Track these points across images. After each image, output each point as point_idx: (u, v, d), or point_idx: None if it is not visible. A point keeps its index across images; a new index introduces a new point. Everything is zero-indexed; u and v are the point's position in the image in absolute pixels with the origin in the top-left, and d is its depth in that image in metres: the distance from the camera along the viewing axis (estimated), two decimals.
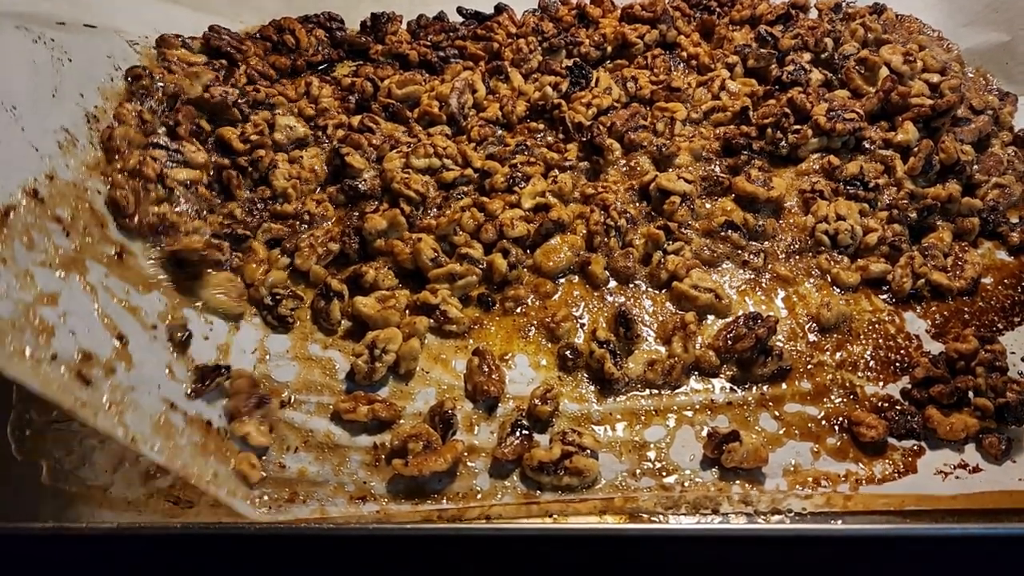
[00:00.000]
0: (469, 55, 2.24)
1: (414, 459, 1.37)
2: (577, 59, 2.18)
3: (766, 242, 1.76)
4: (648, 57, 2.20)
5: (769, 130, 1.92)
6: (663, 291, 1.69)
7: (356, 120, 2.00)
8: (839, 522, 1.32)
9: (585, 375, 1.57)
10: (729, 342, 1.56)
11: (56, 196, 1.54)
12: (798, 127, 1.92)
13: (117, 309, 1.47)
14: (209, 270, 1.65)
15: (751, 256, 1.73)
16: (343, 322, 1.64)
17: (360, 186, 1.84)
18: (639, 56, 2.22)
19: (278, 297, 1.66)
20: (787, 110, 1.94)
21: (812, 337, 1.63)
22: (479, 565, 1.38)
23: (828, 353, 1.60)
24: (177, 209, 1.74)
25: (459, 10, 2.41)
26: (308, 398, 1.52)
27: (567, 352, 1.58)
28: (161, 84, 1.97)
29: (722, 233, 1.75)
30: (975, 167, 1.89)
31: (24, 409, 1.46)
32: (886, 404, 1.53)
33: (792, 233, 1.78)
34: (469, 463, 1.42)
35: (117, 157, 1.75)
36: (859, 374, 1.58)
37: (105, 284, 1.48)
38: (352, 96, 2.10)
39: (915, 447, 1.46)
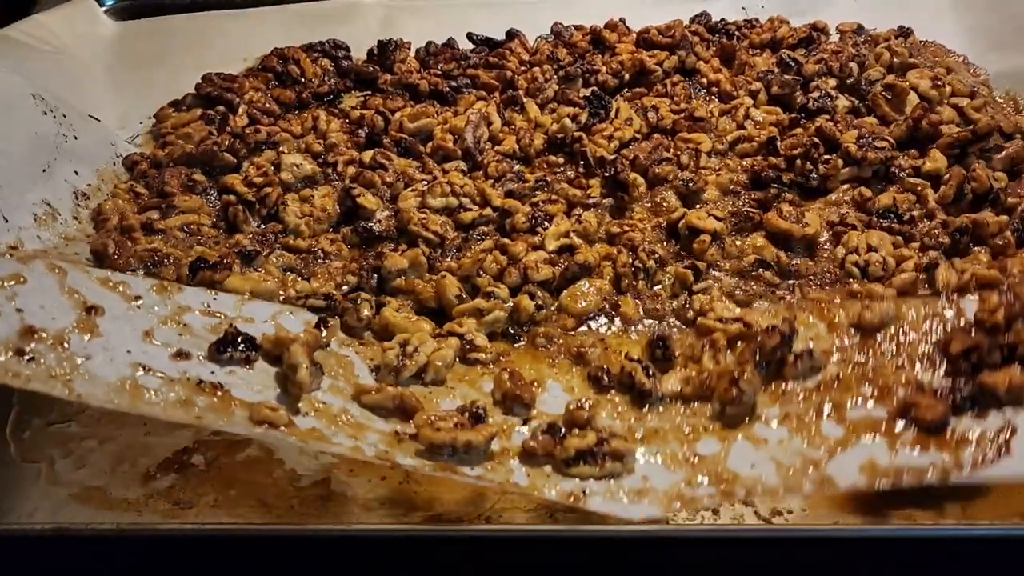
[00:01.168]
0: (481, 84, 2.17)
1: (446, 429, 1.29)
2: (595, 87, 2.11)
3: (800, 281, 1.67)
4: (667, 84, 2.14)
5: (799, 161, 1.84)
6: (690, 328, 1.60)
7: (367, 156, 1.92)
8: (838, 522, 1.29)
9: (618, 395, 1.47)
10: (756, 354, 1.48)
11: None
12: (828, 157, 1.84)
13: (91, 285, 1.40)
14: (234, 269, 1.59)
15: (785, 292, 1.65)
16: (367, 334, 1.55)
17: (375, 227, 1.76)
18: (658, 83, 2.16)
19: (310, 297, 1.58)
20: (816, 140, 1.86)
21: (861, 344, 1.51)
22: (479, 566, 1.34)
23: (885, 355, 1.48)
24: (172, 244, 1.69)
25: (469, 36, 2.36)
26: (322, 380, 1.41)
27: (599, 372, 1.49)
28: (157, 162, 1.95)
29: (754, 272, 1.67)
30: (1007, 193, 1.79)
31: (23, 410, 1.44)
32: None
33: (820, 265, 1.69)
34: (504, 461, 1.32)
35: (104, 223, 1.74)
36: (921, 368, 1.45)
37: (83, 268, 1.45)
38: (361, 130, 2.02)
39: (1004, 428, 1.33)
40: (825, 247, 1.72)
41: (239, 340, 1.38)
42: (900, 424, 1.36)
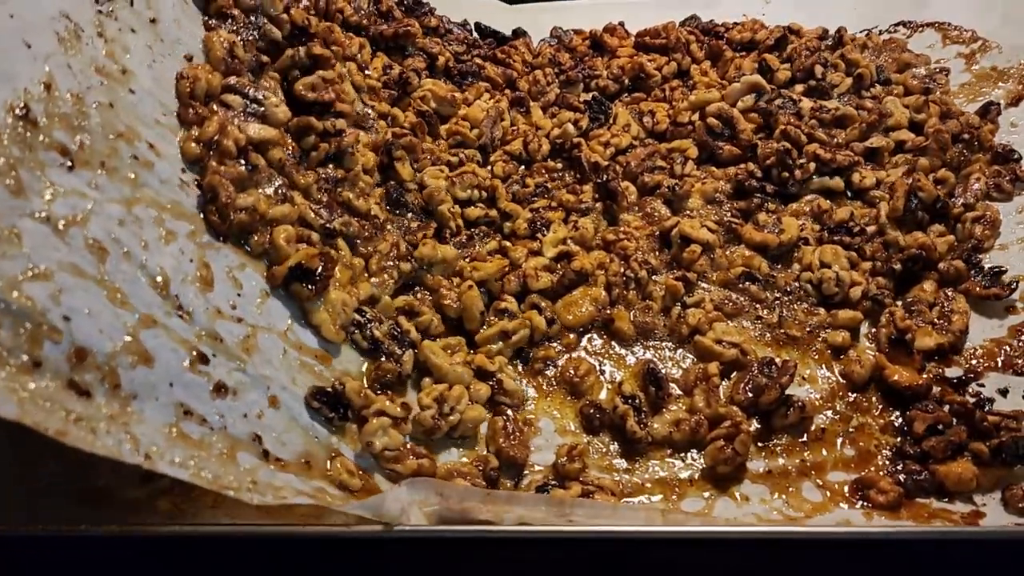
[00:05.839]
0: (487, 77, 2.15)
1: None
2: (595, 92, 2.11)
3: (778, 294, 1.68)
4: (666, 89, 2.14)
5: (774, 171, 1.84)
6: (685, 345, 1.61)
7: (406, 118, 1.88)
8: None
9: (609, 437, 1.49)
10: (750, 394, 1.47)
11: (56, 116, 1.16)
12: (801, 161, 1.83)
13: (130, 273, 1.15)
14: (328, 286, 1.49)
15: (766, 312, 1.66)
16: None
17: (405, 196, 1.75)
18: (656, 88, 2.16)
19: (367, 316, 1.52)
20: (787, 145, 1.84)
21: (852, 396, 1.52)
22: (478, 565, 1.36)
23: (871, 414, 1.50)
24: (264, 191, 1.50)
25: (477, 26, 2.34)
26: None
27: (591, 411, 1.49)
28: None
29: (740, 285, 1.68)
30: (955, 196, 1.78)
31: None
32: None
33: (792, 278, 1.70)
34: None
35: (191, 113, 1.45)
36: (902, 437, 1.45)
37: (123, 230, 1.17)
38: (391, 72, 1.95)
39: (973, 510, 1.36)
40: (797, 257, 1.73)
41: (336, 403, 1.37)
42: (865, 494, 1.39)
